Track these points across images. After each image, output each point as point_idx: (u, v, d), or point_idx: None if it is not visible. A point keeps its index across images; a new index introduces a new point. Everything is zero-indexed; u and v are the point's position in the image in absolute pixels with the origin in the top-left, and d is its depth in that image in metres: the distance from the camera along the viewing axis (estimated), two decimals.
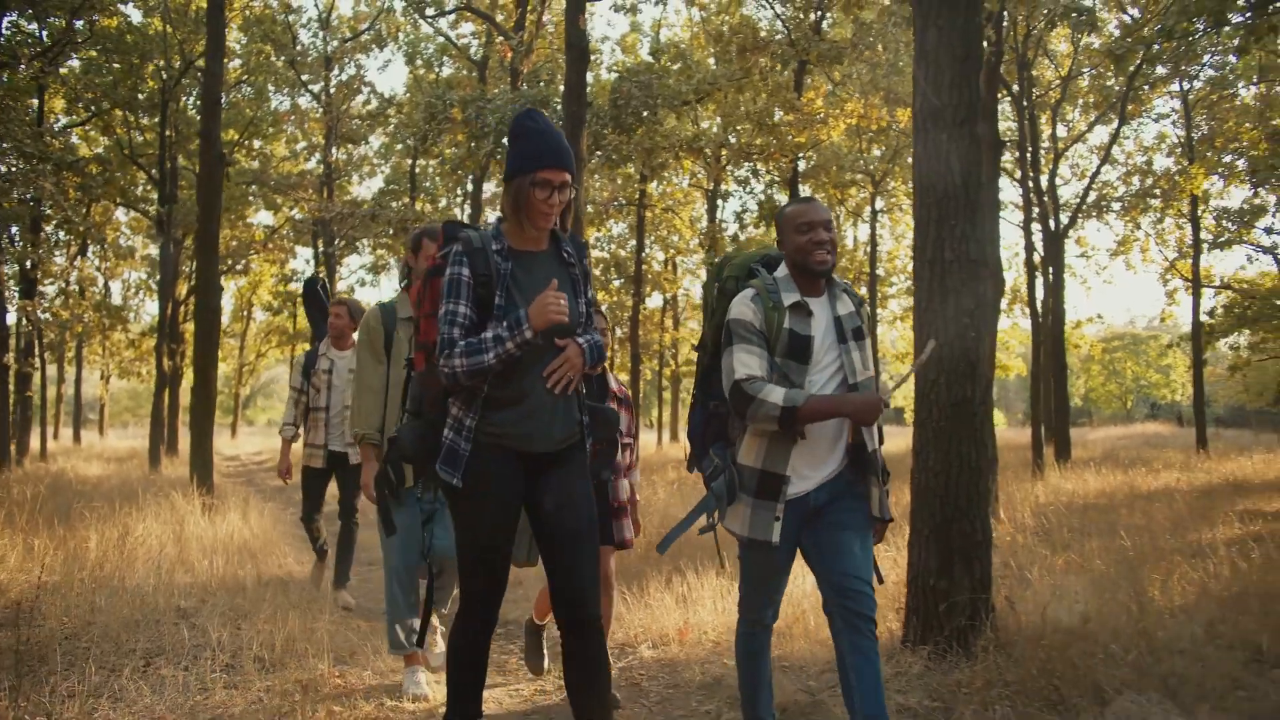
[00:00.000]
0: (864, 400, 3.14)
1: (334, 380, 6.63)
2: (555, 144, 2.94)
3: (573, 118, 8.43)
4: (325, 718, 3.89)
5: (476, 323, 2.90)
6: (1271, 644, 4.68)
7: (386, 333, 4.51)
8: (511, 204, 2.95)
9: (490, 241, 2.95)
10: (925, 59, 4.45)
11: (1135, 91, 19.82)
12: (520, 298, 2.91)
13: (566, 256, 3.06)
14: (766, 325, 3.26)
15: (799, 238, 3.31)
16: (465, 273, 2.90)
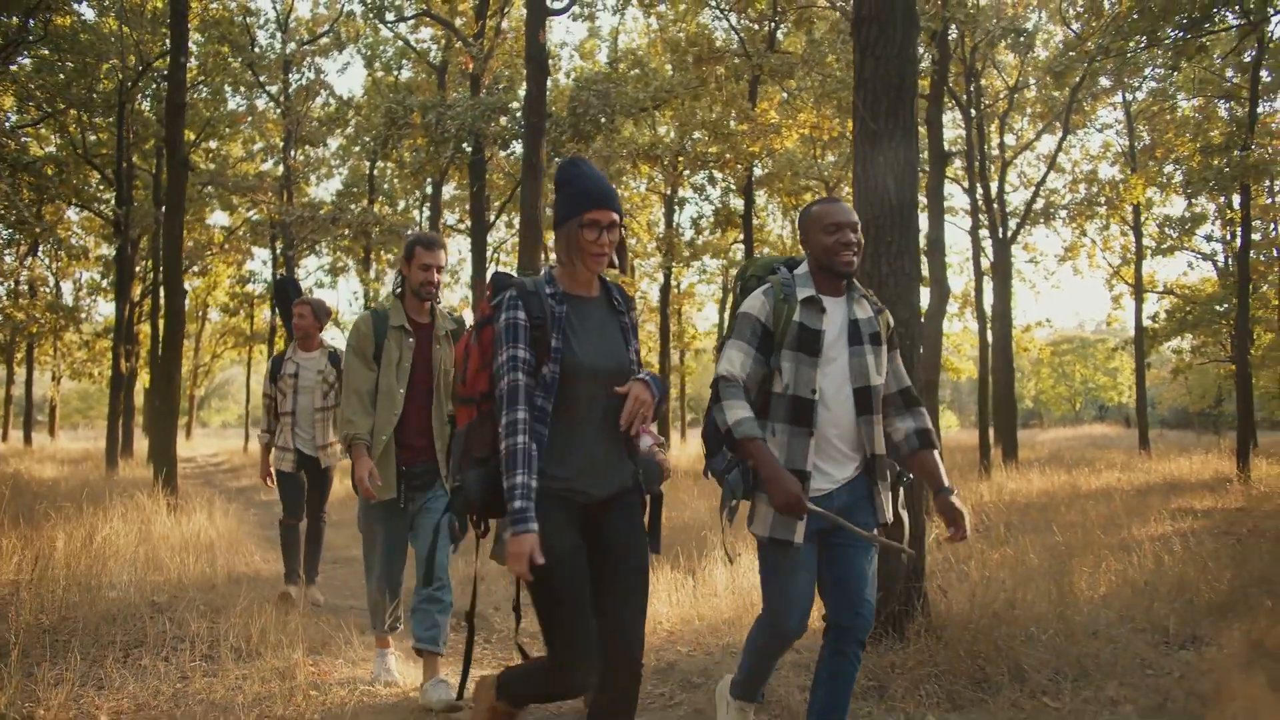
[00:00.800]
0: (788, 486, 3.07)
1: (300, 383, 6.61)
2: (600, 186, 2.95)
3: (532, 129, 8.70)
4: (301, 701, 4.13)
5: (535, 366, 2.87)
6: (1179, 627, 5.09)
7: (376, 341, 4.51)
8: (564, 248, 2.93)
9: (543, 286, 2.93)
10: (864, 86, 4.79)
11: (1079, 103, 20.44)
12: (579, 341, 2.90)
13: (617, 305, 3.06)
14: (775, 317, 3.29)
15: (826, 238, 3.32)
16: (521, 316, 2.86)
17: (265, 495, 16.31)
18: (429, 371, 4.56)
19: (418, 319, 4.59)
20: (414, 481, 4.48)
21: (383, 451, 4.44)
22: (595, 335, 2.95)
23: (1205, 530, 9.58)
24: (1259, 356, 28.11)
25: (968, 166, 19.47)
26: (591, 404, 2.90)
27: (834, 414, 3.27)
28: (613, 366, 2.94)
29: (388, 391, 4.46)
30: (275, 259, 24.94)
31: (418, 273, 4.51)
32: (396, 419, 4.45)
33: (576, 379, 2.87)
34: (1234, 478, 15.79)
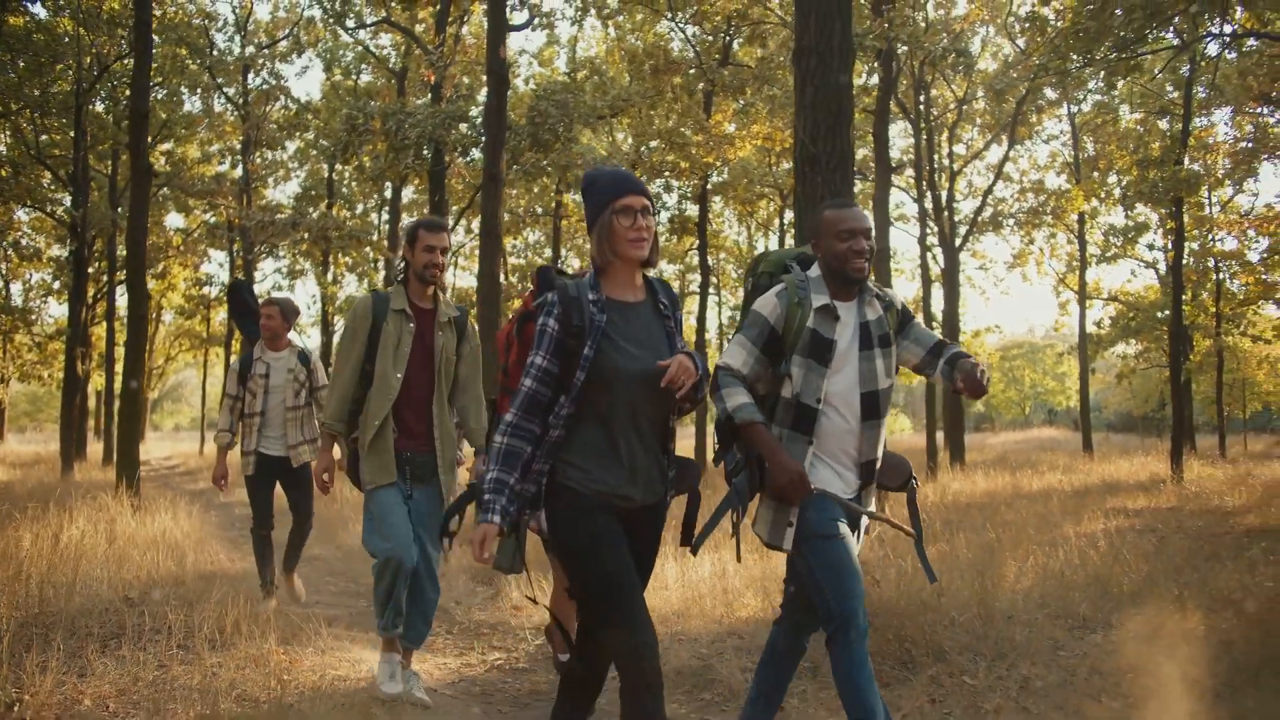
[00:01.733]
0: (790, 467, 3.09)
1: (271, 383, 6.49)
2: (627, 174, 2.99)
3: (493, 140, 8.99)
4: (276, 686, 4.40)
5: (557, 376, 2.88)
6: (1091, 613, 5.52)
7: (375, 322, 4.42)
8: (601, 244, 2.92)
9: (586, 291, 2.91)
10: (804, 113, 5.16)
11: (1024, 116, 21.11)
12: (617, 349, 2.88)
13: (663, 308, 3.03)
14: (787, 321, 3.26)
15: (839, 244, 3.28)
16: (554, 325, 2.87)
17: (225, 497, 16.42)
18: (430, 358, 4.49)
19: (420, 304, 4.52)
20: (415, 470, 4.43)
21: (379, 436, 4.35)
22: (638, 341, 2.92)
23: (1133, 528, 10.09)
24: (1197, 362, 29.07)
25: (916, 176, 20.03)
26: (632, 411, 2.89)
27: (839, 420, 3.27)
28: (653, 373, 2.88)
29: (383, 376, 4.37)
30: (233, 261, 24.93)
31: (422, 255, 4.46)
32: (390, 404, 4.36)
33: (614, 387, 2.86)
34: (1167, 479, 16.46)
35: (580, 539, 2.86)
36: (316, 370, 6.60)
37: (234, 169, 24.79)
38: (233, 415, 6.60)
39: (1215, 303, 26.09)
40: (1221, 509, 12.09)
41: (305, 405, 6.50)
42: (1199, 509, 12.28)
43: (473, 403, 4.64)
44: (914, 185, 21.16)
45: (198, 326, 31.59)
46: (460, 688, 4.81)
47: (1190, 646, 4.70)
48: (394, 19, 18.05)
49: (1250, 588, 6.32)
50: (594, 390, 2.85)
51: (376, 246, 20.62)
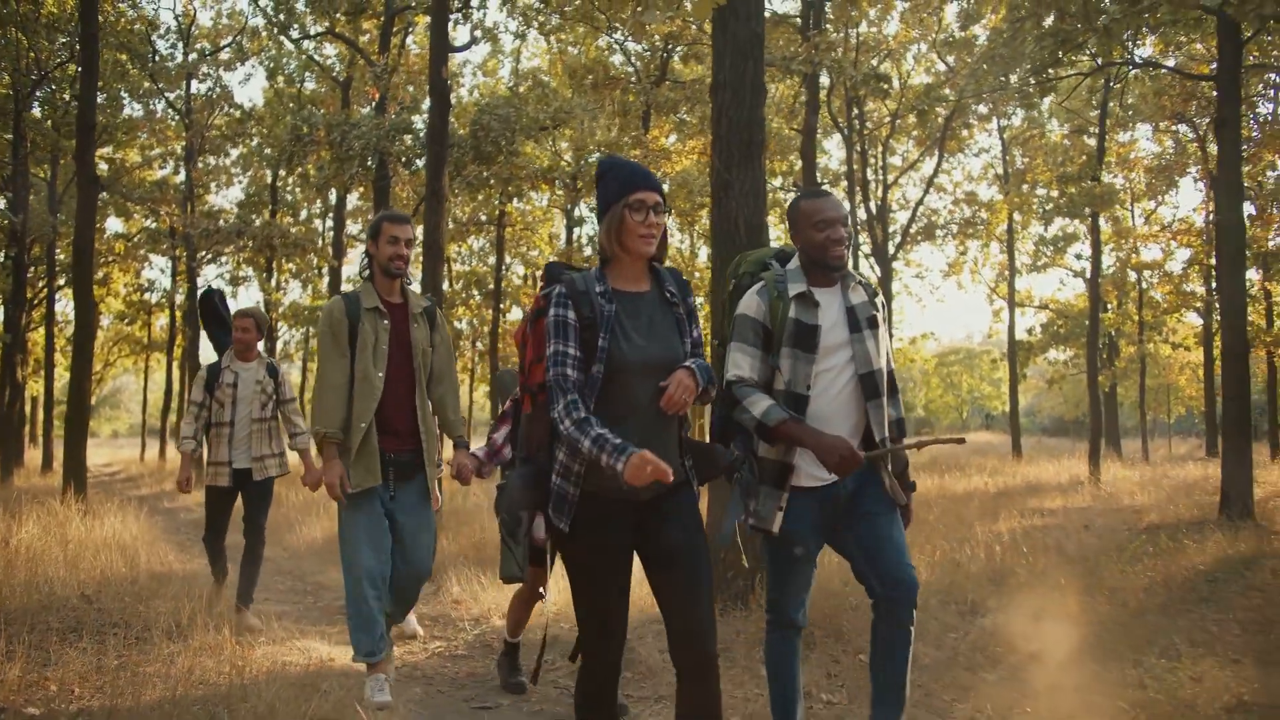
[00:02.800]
0: (836, 443, 3.13)
1: (239, 393, 6.42)
2: (641, 169, 2.98)
3: (435, 157, 9.36)
4: (230, 671, 4.76)
5: (584, 363, 2.88)
6: (981, 599, 6.06)
7: (351, 324, 4.35)
8: (609, 236, 2.94)
9: (593, 283, 2.93)
10: (719, 141, 5.65)
11: (953, 130, 21.93)
12: (626, 339, 2.89)
13: (670, 296, 3.04)
14: (771, 315, 3.31)
15: (816, 234, 3.34)
16: (570, 315, 2.88)
17: (169, 503, 16.56)
18: (408, 353, 4.44)
19: (390, 299, 4.47)
20: (399, 470, 4.41)
21: (365, 439, 4.30)
22: (645, 330, 2.93)
23: (1045, 526, 10.73)
24: (1121, 368, 30.19)
25: (850, 188, 20.71)
26: (640, 400, 2.89)
27: (833, 406, 3.30)
28: (663, 361, 2.92)
29: (365, 377, 4.31)
30: (175, 268, 24.87)
31: (386, 247, 4.40)
32: (376, 404, 4.32)
33: (623, 376, 2.87)
34: (1086, 481, 17.27)
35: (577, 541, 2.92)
36: (284, 384, 6.60)
37: (176, 174, 24.73)
38: (197, 423, 6.48)
39: (1138, 311, 27.19)
40: (1130, 508, 12.82)
41: (271, 418, 6.46)
42: (1108, 508, 13.01)
43: (449, 393, 4.64)
44: (846, 198, 21.82)
45: (138, 332, 31.33)
46: (403, 672, 5.19)
47: (1062, 627, 5.27)
48: (338, 30, 18.27)
49: (1130, 577, 6.95)
50: (606, 381, 2.87)
51: (320, 254, 20.77)
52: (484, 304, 27.03)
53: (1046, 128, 24.93)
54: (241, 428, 6.39)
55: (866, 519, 3.32)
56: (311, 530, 10.36)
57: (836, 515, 3.34)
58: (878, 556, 3.28)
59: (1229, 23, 10.07)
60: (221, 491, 6.45)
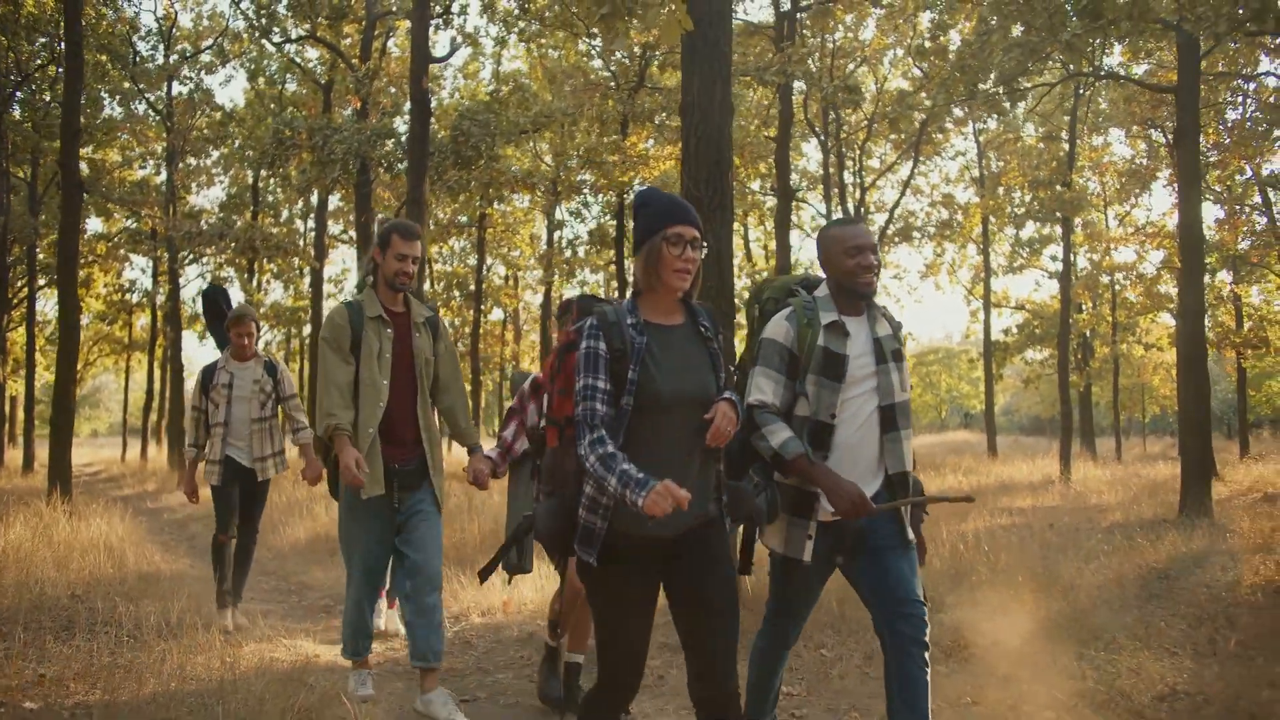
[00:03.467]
0: (848, 490, 3.14)
1: (235, 393, 6.39)
2: (681, 202, 2.97)
3: (416, 166, 9.59)
4: (219, 668, 4.97)
5: (613, 397, 2.86)
6: (939, 595, 6.34)
7: (354, 332, 4.34)
8: (645, 269, 2.92)
9: (625, 315, 2.91)
10: (689, 160, 5.89)
11: (928, 135, 22.25)
12: (657, 372, 2.86)
13: (704, 331, 3.01)
14: (799, 342, 3.30)
15: (847, 261, 3.35)
16: (601, 347, 2.86)
17: (151, 503, 16.68)
18: (410, 362, 4.45)
19: (393, 309, 4.47)
20: (404, 481, 4.40)
21: (369, 448, 4.29)
22: (678, 365, 2.90)
23: (1013, 525, 11.03)
24: (1096, 368, 30.65)
25: (825, 193, 21.01)
26: (671, 436, 2.87)
27: (857, 435, 3.31)
28: (695, 395, 2.90)
29: (371, 384, 4.31)
30: (156, 268, 24.96)
31: (393, 262, 4.39)
32: (382, 410, 4.33)
33: (655, 411, 2.84)
34: (1056, 480, 17.65)
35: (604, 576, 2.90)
36: (284, 380, 6.57)
37: (157, 175, 24.81)
38: (198, 428, 6.47)
39: (1112, 312, 27.63)
40: (1096, 506, 13.16)
41: (271, 416, 6.46)
42: (1075, 507, 13.33)
43: (458, 402, 4.65)
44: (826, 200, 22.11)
45: (119, 332, 31.34)
46: (384, 668, 5.42)
47: (1015, 622, 5.54)
48: (320, 34, 18.43)
49: (1085, 574, 7.24)
50: (636, 415, 2.84)
51: (303, 256, 20.92)
52: (465, 305, 27.22)
53: (1022, 132, 25.31)
54: (240, 427, 6.37)
55: (879, 551, 3.30)
56: (295, 531, 10.54)
57: (846, 549, 3.34)
58: (884, 588, 3.28)
59: (1188, 38, 10.40)
60: (219, 490, 6.42)
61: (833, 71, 18.78)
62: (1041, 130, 24.31)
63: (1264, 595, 6.61)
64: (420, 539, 4.39)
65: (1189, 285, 10.91)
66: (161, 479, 21.19)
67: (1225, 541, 8.82)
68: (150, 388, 30.24)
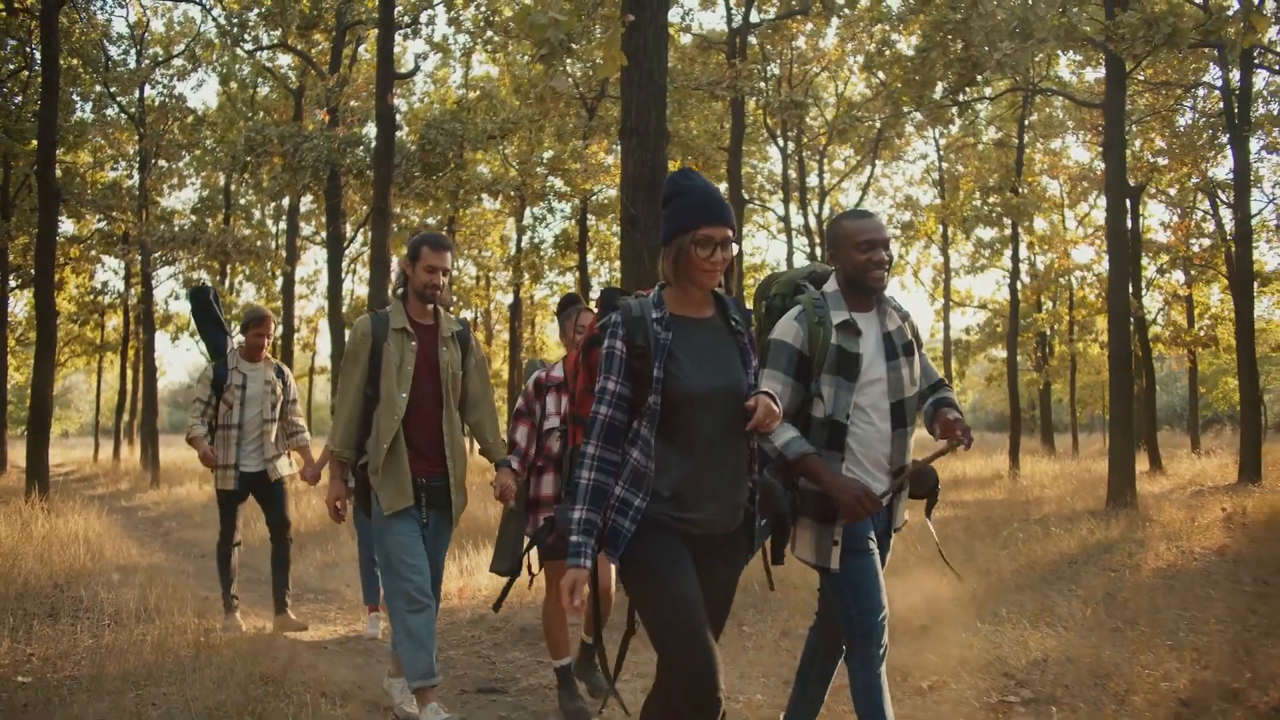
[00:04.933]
0: (851, 488, 3.08)
1: (247, 394, 6.40)
2: (715, 200, 2.82)
3: (381, 178, 10.07)
4: (189, 647, 5.44)
5: (631, 400, 2.79)
6: None
7: (375, 343, 4.29)
8: (672, 265, 2.83)
9: (650, 310, 2.83)
10: (627, 182, 6.43)
11: (887, 140, 22.91)
12: (684, 368, 2.78)
13: (734, 324, 2.93)
14: (810, 342, 3.24)
15: (859, 255, 3.28)
16: (620, 346, 2.79)
17: (125, 502, 17.04)
18: (436, 376, 4.34)
19: (420, 321, 4.40)
20: (431, 497, 4.31)
21: (391, 458, 4.20)
22: (707, 359, 2.83)
23: (953, 518, 11.62)
24: (1054, 366, 31.43)
25: (785, 196, 21.61)
26: (702, 431, 2.79)
27: (871, 432, 3.25)
28: (726, 391, 2.82)
29: (388, 397, 4.24)
30: (128, 270, 25.21)
31: (422, 274, 4.31)
32: (397, 426, 4.22)
33: (684, 407, 2.76)
34: (1005, 474, 18.33)
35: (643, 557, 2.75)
36: (290, 384, 6.65)
37: (128, 177, 24.99)
38: (204, 420, 6.41)
39: (1069, 311, 28.39)
40: (1037, 499, 13.79)
41: (278, 418, 6.51)
42: (1017, 500, 13.94)
43: (487, 417, 4.56)
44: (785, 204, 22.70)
45: (91, 333, 31.49)
46: (348, 645, 5.93)
47: (926, 603, 6.11)
48: (290, 42, 18.81)
49: (1001, 560, 7.85)
50: (666, 412, 2.76)
51: (275, 261, 21.30)
52: None
53: (982, 136, 26.01)
54: (252, 429, 6.40)
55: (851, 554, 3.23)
56: (263, 526, 10.91)
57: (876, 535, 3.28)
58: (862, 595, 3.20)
59: (1114, 57, 11.03)
60: (228, 495, 6.47)
61: (790, 80, 19.36)
62: (1000, 132, 25.00)
63: (1157, 577, 7.24)
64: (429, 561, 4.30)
65: (1116, 290, 11.55)
66: (135, 478, 21.53)
67: (1141, 531, 9.43)
68: (123, 388, 30.43)
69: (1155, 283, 26.01)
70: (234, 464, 6.37)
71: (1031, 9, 10.26)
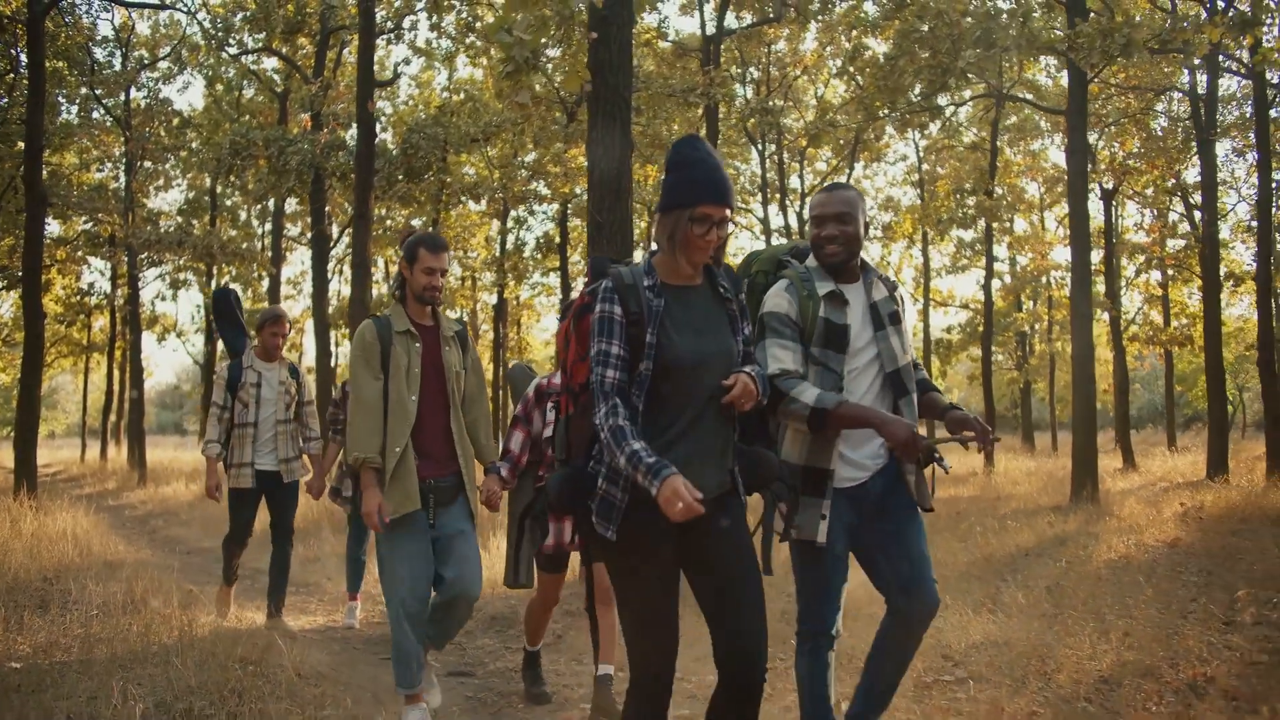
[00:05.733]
0: (899, 422, 3.03)
1: (263, 394, 6.40)
2: (717, 177, 2.80)
3: (362, 184, 10.34)
4: (174, 634, 5.70)
5: (630, 362, 2.76)
6: None
7: (383, 347, 4.24)
8: (667, 237, 2.82)
9: (641, 277, 2.83)
10: (593, 190, 6.72)
11: (866, 143, 23.26)
12: (676, 335, 2.78)
13: (723, 291, 2.94)
14: (801, 314, 3.21)
15: (813, 230, 3.29)
16: (617, 310, 2.77)
17: (112, 501, 17.27)
18: (441, 376, 4.34)
19: (421, 322, 4.38)
20: (440, 497, 4.26)
21: (401, 463, 4.18)
22: (696, 326, 2.84)
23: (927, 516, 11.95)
24: (1035, 365, 31.83)
25: (763, 199, 21.93)
26: (690, 400, 2.79)
27: (864, 403, 3.20)
28: (716, 357, 2.83)
29: (399, 400, 4.22)
30: (115, 271, 25.38)
31: (421, 276, 4.29)
32: (410, 427, 4.21)
33: (675, 374, 2.77)
34: (980, 471, 18.70)
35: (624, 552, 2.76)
36: (304, 385, 6.65)
37: (114, 179, 25.14)
38: (221, 425, 6.42)
39: (1048, 311, 28.80)
40: (1007, 496, 14.14)
41: (294, 419, 6.52)
42: (988, 496, 14.30)
43: (481, 417, 4.53)
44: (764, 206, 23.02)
45: (77, 334, 31.62)
46: (326, 634, 6.22)
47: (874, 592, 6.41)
48: (275, 46, 19.03)
49: (957, 553, 8.17)
50: (656, 379, 2.76)
51: (260, 262, 21.52)
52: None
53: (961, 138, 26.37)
54: (266, 429, 6.39)
55: (893, 525, 3.24)
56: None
57: (864, 516, 3.25)
58: (902, 567, 3.22)
59: (1075, 65, 11.37)
60: (242, 494, 6.45)
61: (769, 84, 19.67)
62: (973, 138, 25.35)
63: (1106, 568, 7.56)
64: (461, 557, 4.23)
65: (1079, 291, 11.90)
66: (122, 478, 21.72)
67: (1098, 525, 9.77)
68: (109, 389, 30.58)
69: (1134, 283, 26.47)
70: (249, 462, 6.35)
71: (994, 19, 10.59)
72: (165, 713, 3.95)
